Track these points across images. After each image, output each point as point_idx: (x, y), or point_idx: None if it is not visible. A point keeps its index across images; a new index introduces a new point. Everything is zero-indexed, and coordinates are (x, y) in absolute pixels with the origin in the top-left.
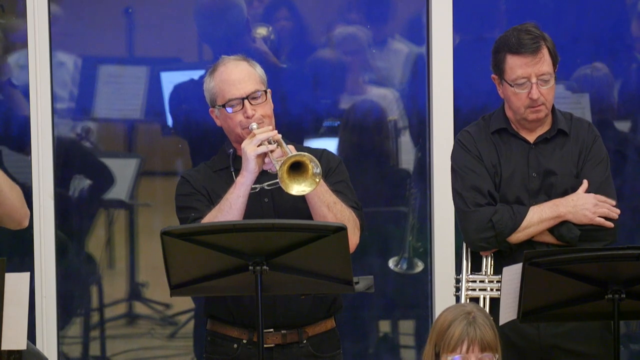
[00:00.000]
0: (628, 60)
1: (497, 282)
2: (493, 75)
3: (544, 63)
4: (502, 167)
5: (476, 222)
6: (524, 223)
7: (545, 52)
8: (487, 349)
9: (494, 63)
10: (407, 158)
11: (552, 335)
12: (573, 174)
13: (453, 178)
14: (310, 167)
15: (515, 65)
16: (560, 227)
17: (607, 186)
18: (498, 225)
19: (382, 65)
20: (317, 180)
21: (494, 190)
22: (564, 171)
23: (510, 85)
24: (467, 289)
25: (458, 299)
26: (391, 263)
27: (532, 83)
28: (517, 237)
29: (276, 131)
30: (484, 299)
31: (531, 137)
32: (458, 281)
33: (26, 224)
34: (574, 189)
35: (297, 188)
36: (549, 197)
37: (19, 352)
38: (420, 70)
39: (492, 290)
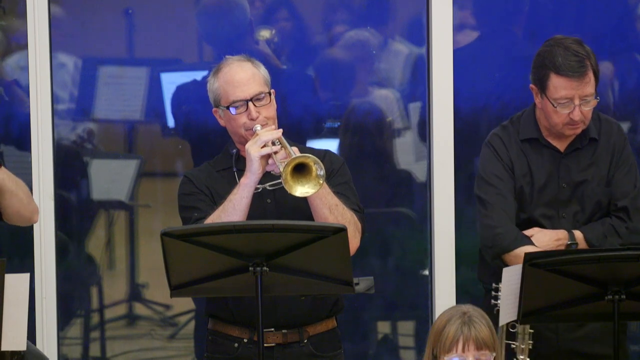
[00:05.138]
0: (628, 60)
1: None
2: (532, 86)
3: (589, 85)
4: (533, 176)
5: (483, 229)
6: (517, 250)
7: (590, 73)
8: (484, 347)
9: (535, 76)
10: (407, 159)
11: (571, 340)
12: (604, 183)
13: (479, 184)
14: (314, 168)
15: (560, 86)
16: None
17: (637, 198)
18: (497, 239)
19: (383, 67)
20: (321, 182)
21: (515, 202)
22: (595, 181)
23: (552, 104)
24: None
25: (496, 307)
26: None
27: (575, 105)
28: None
29: (281, 130)
30: None
31: (562, 145)
32: (497, 290)
33: (37, 219)
34: (606, 197)
35: (300, 189)
36: (582, 207)
37: (20, 353)
38: (421, 71)
39: None
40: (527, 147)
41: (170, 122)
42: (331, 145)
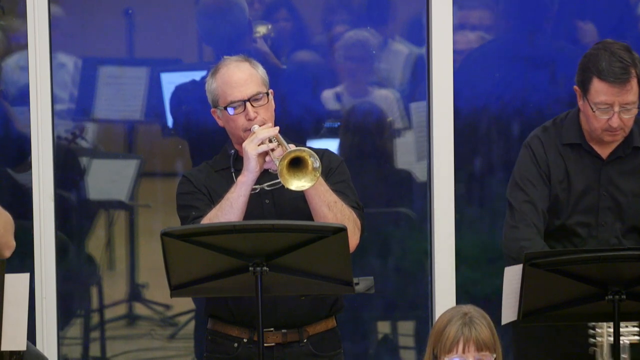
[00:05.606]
0: None
1: (633, 326)
2: (575, 87)
3: (630, 93)
4: (572, 182)
5: (508, 241)
6: None
7: (633, 82)
8: (484, 349)
9: (579, 78)
10: (407, 159)
11: None
12: None
13: (511, 186)
14: (309, 162)
15: (601, 91)
16: None
17: None
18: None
19: (383, 67)
20: (317, 175)
21: (545, 212)
22: (634, 192)
23: (592, 108)
24: (607, 335)
25: (595, 345)
26: None
27: (614, 111)
28: None
29: (277, 128)
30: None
31: (604, 152)
32: (594, 327)
33: (7, 254)
34: None
35: (296, 183)
36: (621, 217)
37: (20, 353)
38: (421, 71)
39: (630, 334)
40: (568, 152)
41: (170, 122)
42: (331, 145)
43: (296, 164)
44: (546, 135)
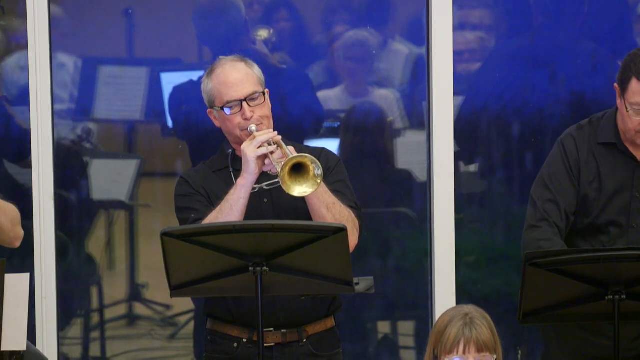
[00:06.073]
0: None
1: None
2: (615, 85)
3: None
4: (604, 182)
5: (526, 240)
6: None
7: None
8: (484, 349)
9: (620, 76)
10: (407, 159)
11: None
12: None
13: (537, 183)
14: (311, 168)
15: (637, 92)
16: None
17: None
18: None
19: (383, 67)
20: (318, 181)
21: (571, 212)
22: None
23: (627, 108)
24: None
25: None
26: None
27: None
28: None
29: (276, 132)
30: None
31: (639, 154)
32: None
33: (17, 245)
34: None
35: (298, 189)
36: None
37: (19, 353)
38: (421, 71)
39: None
40: (602, 151)
41: (170, 122)
42: (331, 145)
43: (297, 170)
44: (580, 134)
